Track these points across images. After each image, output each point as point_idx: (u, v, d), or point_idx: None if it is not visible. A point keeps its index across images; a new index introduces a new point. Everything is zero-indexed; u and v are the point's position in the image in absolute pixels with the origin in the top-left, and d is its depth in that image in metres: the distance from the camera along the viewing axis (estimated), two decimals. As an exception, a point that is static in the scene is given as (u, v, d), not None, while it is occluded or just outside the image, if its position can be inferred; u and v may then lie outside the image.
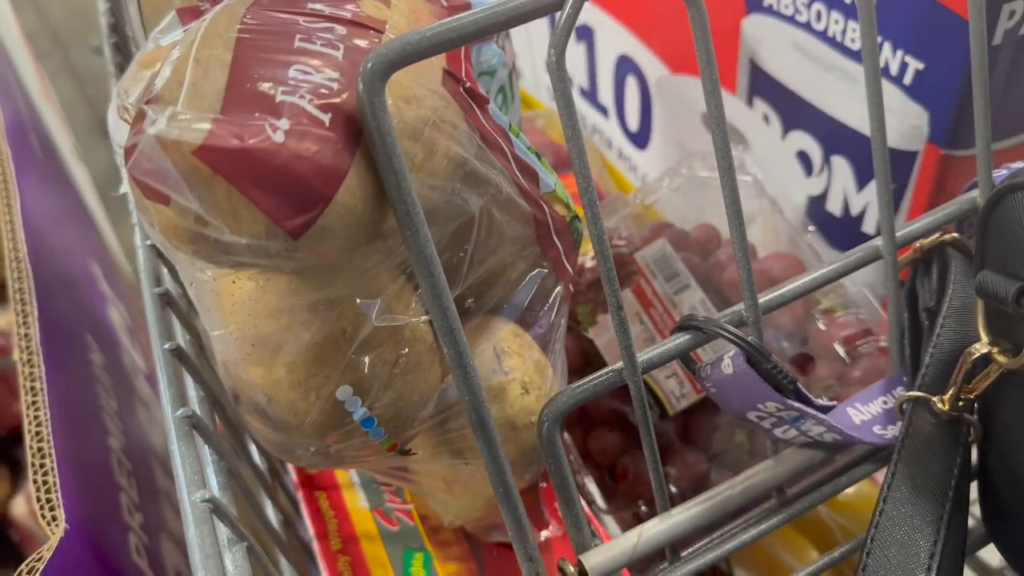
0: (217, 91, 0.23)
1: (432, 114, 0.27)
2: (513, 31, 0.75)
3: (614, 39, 0.60)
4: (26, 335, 0.39)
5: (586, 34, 0.63)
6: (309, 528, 0.37)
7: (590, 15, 0.62)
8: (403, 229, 0.24)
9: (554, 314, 0.33)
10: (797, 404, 0.27)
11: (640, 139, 0.62)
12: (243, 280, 0.26)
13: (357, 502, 0.39)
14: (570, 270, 0.33)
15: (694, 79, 0.53)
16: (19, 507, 0.74)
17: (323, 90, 0.24)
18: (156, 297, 0.30)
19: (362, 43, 0.26)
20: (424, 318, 0.28)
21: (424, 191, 0.26)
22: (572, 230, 0.34)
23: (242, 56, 0.24)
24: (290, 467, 0.40)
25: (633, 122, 0.62)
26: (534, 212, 0.32)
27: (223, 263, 0.24)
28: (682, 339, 0.28)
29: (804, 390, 0.28)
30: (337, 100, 0.24)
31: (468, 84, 0.30)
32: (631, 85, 0.60)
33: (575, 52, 0.66)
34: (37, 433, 0.35)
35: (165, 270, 0.32)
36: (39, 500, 0.34)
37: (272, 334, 0.26)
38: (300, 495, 0.39)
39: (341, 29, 0.26)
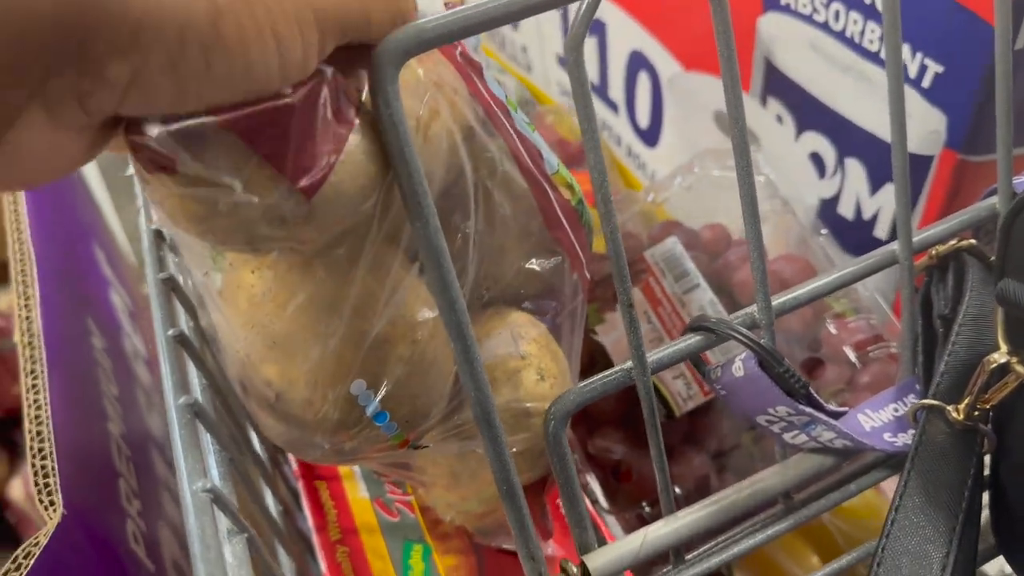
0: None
1: (435, 76, 0.26)
2: (524, 26, 0.75)
3: (627, 34, 0.59)
4: (27, 317, 0.39)
5: (598, 29, 0.62)
6: (308, 519, 0.37)
7: (603, 10, 0.61)
8: (413, 220, 0.23)
9: (570, 304, 0.32)
10: (808, 409, 0.27)
11: (650, 137, 0.62)
12: (261, 271, 0.25)
13: (357, 492, 0.39)
14: (583, 258, 0.33)
15: (707, 77, 0.53)
16: (16, 490, 0.74)
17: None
18: (160, 283, 0.29)
19: None
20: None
21: (427, 157, 0.26)
22: (578, 214, 0.34)
23: None
24: (291, 456, 0.40)
25: (643, 119, 0.62)
26: (535, 192, 0.31)
27: (235, 241, 0.23)
28: (693, 340, 0.28)
29: (815, 395, 0.27)
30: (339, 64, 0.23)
31: (462, 50, 0.30)
32: (643, 81, 0.59)
33: (586, 47, 0.65)
34: (36, 417, 0.35)
35: (170, 255, 0.32)
36: (37, 485, 0.34)
37: (289, 333, 0.25)
38: (300, 485, 0.39)
39: None
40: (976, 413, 0.26)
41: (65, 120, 0.18)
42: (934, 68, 0.38)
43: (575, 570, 0.27)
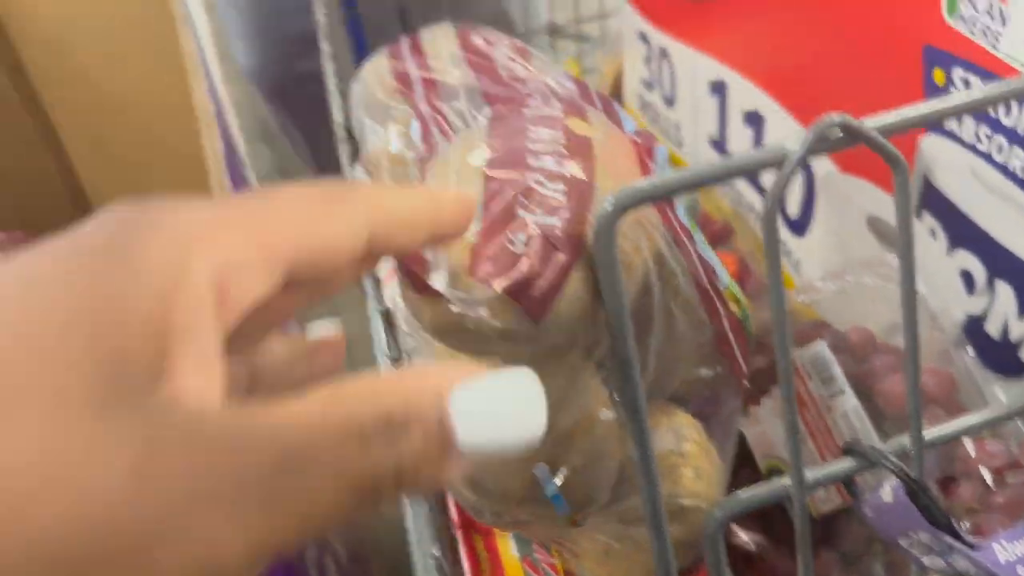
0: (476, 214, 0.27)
1: (638, 214, 0.30)
2: (679, 105, 0.78)
3: (783, 127, 0.62)
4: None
5: (755, 121, 0.65)
6: (466, 571, 0.41)
7: (761, 102, 0.64)
8: (614, 340, 0.27)
9: (728, 408, 0.36)
10: (949, 539, 0.29)
11: (799, 226, 0.64)
12: (477, 364, 0.30)
13: (509, 549, 0.43)
14: (744, 367, 0.36)
15: (862, 181, 0.55)
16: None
17: (554, 203, 0.28)
18: (389, 361, 0.34)
19: (579, 162, 0.30)
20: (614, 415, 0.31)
21: (627, 285, 0.30)
22: (745, 329, 0.37)
23: (491, 184, 0.28)
24: (451, 507, 0.44)
25: (793, 208, 0.64)
26: (708, 309, 0.35)
27: (468, 349, 0.28)
28: (847, 463, 0.31)
29: (958, 526, 0.30)
30: (565, 213, 0.28)
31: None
32: (796, 175, 0.62)
33: (742, 133, 0.68)
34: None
35: (388, 336, 0.37)
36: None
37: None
38: (459, 535, 0.43)
39: (561, 150, 0.30)
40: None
41: None
42: (1095, 210, 0.40)
43: (718, 657, 0.30)
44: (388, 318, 0.37)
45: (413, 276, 0.27)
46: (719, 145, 0.72)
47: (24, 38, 0.97)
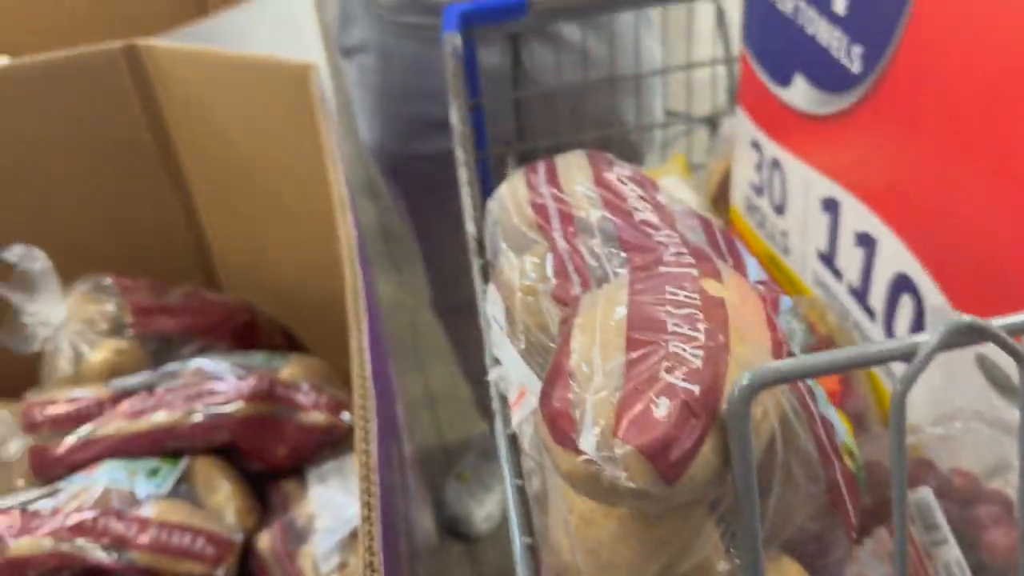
0: (619, 376, 0.30)
1: None
2: (789, 215, 0.80)
3: (895, 256, 0.63)
4: (365, 450, 0.48)
5: (867, 243, 0.66)
6: None
7: (874, 226, 0.65)
8: (740, 501, 0.29)
9: (836, 557, 0.37)
10: None
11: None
12: (603, 510, 0.32)
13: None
14: (853, 519, 0.38)
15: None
16: (263, 540, 0.85)
17: (692, 367, 0.30)
18: (516, 488, 0.37)
19: (714, 325, 0.32)
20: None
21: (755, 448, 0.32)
22: (858, 483, 0.38)
23: (633, 346, 0.31)
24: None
25: (902, 332, 0.65)
26: (825, 465, 0.36)
27: (600, 500, 0.30)
28: (954, 634, 0.32)
29: None
30: (702, 378, 0.30)
31: (781, 338, 0.35)
32: (905, 303, 0.63)
33: (852, 253, 0.69)
34: (368, 547, 0.43)
35: (513, 460, 0.39)
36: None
37: (611, 560, 0.32)
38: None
39: (698, 314, 0.33)
40: None
41: None
42: None
43: None
44: (514, 441, 0.40)
45: (557, 429, 0.30)
46: (828, 260, 0.74)
47: (168, 97, 1.05)
